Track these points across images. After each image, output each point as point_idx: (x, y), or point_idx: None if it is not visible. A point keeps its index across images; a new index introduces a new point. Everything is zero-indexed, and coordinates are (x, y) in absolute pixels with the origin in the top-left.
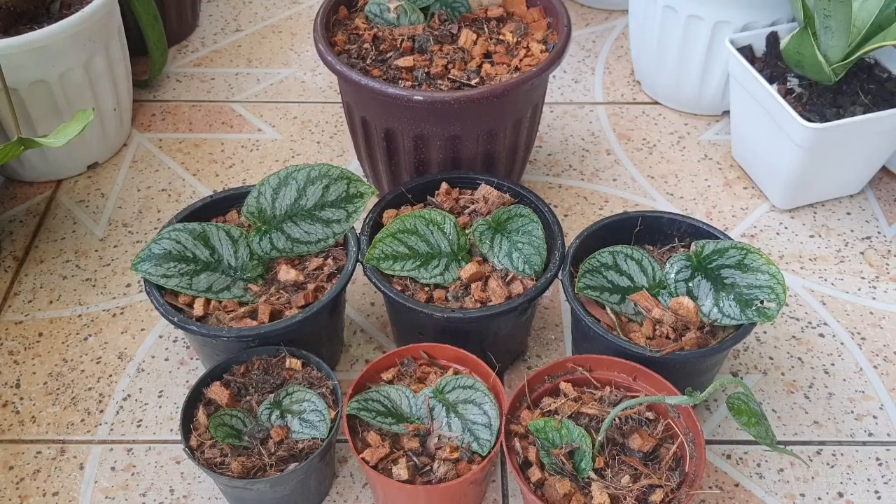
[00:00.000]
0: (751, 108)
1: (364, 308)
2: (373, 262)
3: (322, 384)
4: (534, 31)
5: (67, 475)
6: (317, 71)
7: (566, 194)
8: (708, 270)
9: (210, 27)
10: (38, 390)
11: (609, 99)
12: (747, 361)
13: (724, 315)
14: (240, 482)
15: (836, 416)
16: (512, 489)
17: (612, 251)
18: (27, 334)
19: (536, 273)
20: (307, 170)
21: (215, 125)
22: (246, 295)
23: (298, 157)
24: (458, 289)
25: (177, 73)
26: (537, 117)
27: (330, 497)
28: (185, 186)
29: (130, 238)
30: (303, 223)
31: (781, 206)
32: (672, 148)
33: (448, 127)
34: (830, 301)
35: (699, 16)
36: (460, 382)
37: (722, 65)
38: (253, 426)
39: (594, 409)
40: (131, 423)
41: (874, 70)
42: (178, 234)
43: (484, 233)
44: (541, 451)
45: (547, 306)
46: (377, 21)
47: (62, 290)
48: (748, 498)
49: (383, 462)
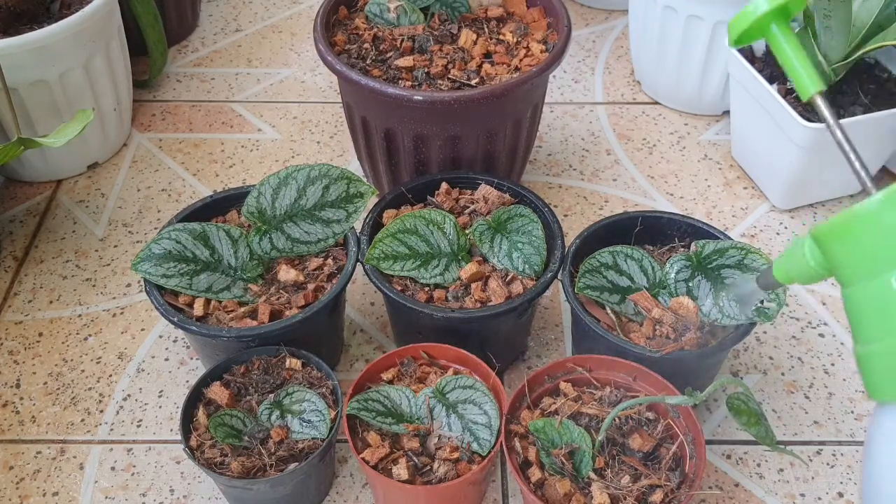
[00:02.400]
0: (751, 108)
1: (364, 308)
2: (373, 262)
3: (322, 384)
4: (534, 31)
5: (67, 475)
6: (317, 71)
7: (566, 194)
8: (708, 270)
9: (210, 27)
10: (38, 390)
11: (609, 99)
12: (747, 361)
13: (724, 315)
14: (240, 482)
15: (836, 416)
16: (512, 489)
17: (612, 251)
18: (27, 334)
19: (536, 273)
20: (307, 170)
21: (215, 125)
22: (246, 295)
23: (298, 157)
24: (458, 289)
25: (177, 73)
26: (537, 117)
27: (330, 497)
28: (185, 186)
29: (130, 238)
30: (303, 223)
31: (781, 206)
32: (672, 148)
33: (448, 127)
34: (830, 301)
35: (699, 16)
36: (460, 382)
37: (722, 65)
38: (253, 426)
39: (594, 409)
40: (131, 423)
41: (874, 70)
42: (178, 234)
43: (484, 233)
44: (541, 451)
45: (547, 306)
46: (377, 21)
47: (62, 290)
48: (748, 498)
49: (383, 462)
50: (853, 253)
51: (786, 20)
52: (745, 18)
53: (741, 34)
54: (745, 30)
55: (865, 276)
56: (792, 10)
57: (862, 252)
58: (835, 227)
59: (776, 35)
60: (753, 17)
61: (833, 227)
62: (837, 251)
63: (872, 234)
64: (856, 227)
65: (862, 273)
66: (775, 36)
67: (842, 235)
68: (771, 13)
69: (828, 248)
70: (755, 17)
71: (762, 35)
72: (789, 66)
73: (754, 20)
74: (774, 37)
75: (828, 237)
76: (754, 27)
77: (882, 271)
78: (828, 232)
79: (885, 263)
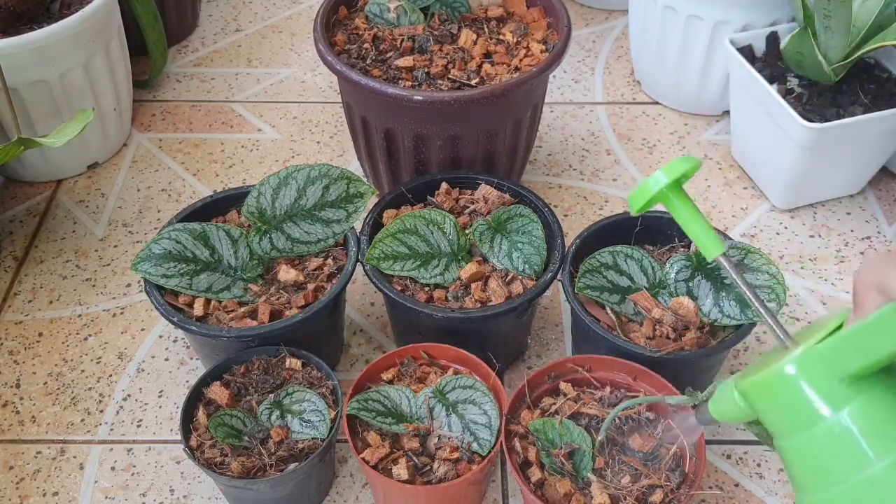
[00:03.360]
0: (751, 108)
1: (364, 308)
2: (373, 262)
3: (322, 384)
4: (534, 31)
5: (67, 475)
6: (317, 71)
7: (566, 194)
8: (708, 270)
9: (210, 27)
10: (38, 390)
11: (609, 99)
12: (747, 361)
13: (724, 315)
14: (240, 482)
15: None
16: (512, 489)
17: (612, 251)
18: (27, 334)
19: (536, 273)
20: (307, 170)
21: (215, 125)
22: (246, 295)
23: (298, 157)
24: (458, 289)
25: (177, 73)
26: (537, 117)
27: (330, 497)
28: (185, 186)
29: (130, 238)
30: (303, 223)
31: (781, 206)
32: (672, 148)
33: (448, 127)
34: (830, 301)
35: (699, 16)
36: (460, 382)
37: (722, 65)
38: (253, 426)
39: (594, 409)
40: (131, 423)
41: (874, 70)
42: (178, 234)
43: (484, 233)
44: (541, 451)
45: (547, 306)
46: (377, 21)
47: (62, 290)
48: (748, 498)
49: (383, 462)
50: (777, 408)
51: (680, 188)
52: (645, 192)
53: (643, 205)
54: (646, 201)
55: (790, 430)
56: (686, 178)
57: (785, 408)
58: (755, 386)
59: (675, 204)
60: (654, 191)
61: (753, 386)
62: (762, 406)
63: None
64: (774, 387)
65: (786, 428)
66: (674, 205)
67: (762, 393)
68: (668, 185)
69: (751, 402)
70: (655, 192)
71: (662, 202)
72: (690, 230)
73: (654, 194)
74: (673, 206)
75: (750, 393)
76: (655, 198)
77: (808, 426)
78: (749, 389)
79: (808, 419)
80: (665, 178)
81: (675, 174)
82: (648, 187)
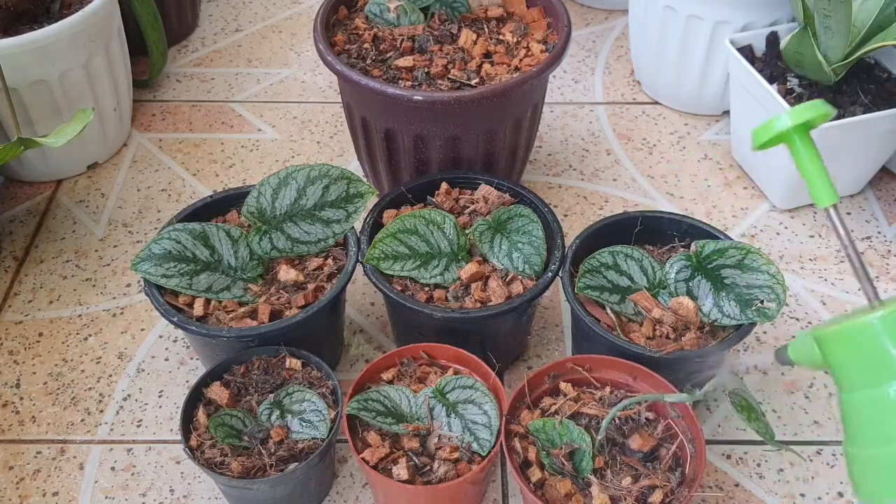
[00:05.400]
0: (751, 109)
1: (364, 308)
2: (373, 262)
3: (322, 384)
4: (534, 31)
5: (67, 475)
6: (317, 71)
7: (566, 194)
8: (708, 270)
9: (210, 27)
10: (38, 390)
11: (609, 99)
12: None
13: (724, 315)
14: (240, 482)
15: (836, 416)
16: (512, 489)
17: (612, 251)
18: (27, 334)
19: (536, 273)
20: (307, 170)
21: (215, 125)
22: (246, 295)
23: (298, 157)
24: (458, 289)
25: (177, 73)
26: (537, 117)
27: (330, 497)
28: (185, 186)
29: (130, 238)
30: (303, 223)
31: (781, 206)
32: (672, 148)
33: (448, 127)
34: (830, 301)
35: (699, 16)
36: (460, 382)
37: (722, 65)
38: (253, 426)
39: (594, 409)
40: (131, 423)
41: (874, 70)
42: (178, 234)
43: (484, 233)
44: (541, 451)
45: (547, 306)
46: (377, 21)
47: (62, 290)
48: (748, 498)
49: (383, 462)
50: (852, 362)
51: (807, 133)
52: (768, 130)
53: (764, 143)
54: (768, 139)
55: (863, 385)
56: (815, 124)
57: (860, 362)
58: (835, 335)
59: (798, 147)
60: (776, 130)
61: (834, 335)
62: (837, 357)
63: (872, 347)
64: (855, 339)
65: (860, 382)
66: (797, 147)
67: (842, 344)
68: (794, 128)
69: (828, 352)
70: (779, 131)
71: (784, 143)
72: (808, 177)
73: (777, 133)
74: (797, 148)
75: (828, 343)
76: (777, 138)
77: (879, 383)
78: (828, 338)
79: (882, 375)
80: (789, 121)
81: (799, 119)
82: (773, 126)
